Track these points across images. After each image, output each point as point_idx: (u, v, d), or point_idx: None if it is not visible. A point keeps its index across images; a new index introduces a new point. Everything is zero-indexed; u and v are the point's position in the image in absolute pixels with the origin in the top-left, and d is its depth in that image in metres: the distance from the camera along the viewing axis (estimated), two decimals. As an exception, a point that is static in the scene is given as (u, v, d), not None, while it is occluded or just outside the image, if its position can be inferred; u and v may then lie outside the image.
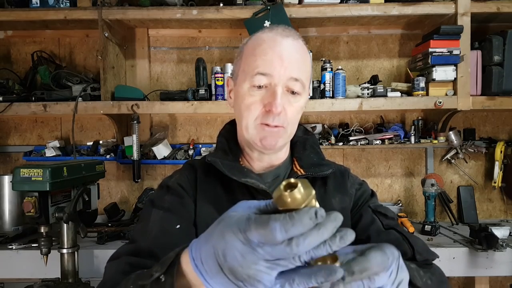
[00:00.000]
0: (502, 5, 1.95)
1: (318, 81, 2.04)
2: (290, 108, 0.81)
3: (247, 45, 0.87)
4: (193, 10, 1.97)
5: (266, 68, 0.79)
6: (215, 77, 2.02)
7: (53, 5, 2.00)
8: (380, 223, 0.85)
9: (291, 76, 0.80)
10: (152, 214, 0.82)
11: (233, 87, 0.89)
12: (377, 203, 0.91)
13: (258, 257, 0.40)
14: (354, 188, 0.92)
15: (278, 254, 0.40)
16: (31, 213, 1.37)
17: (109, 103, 1.99)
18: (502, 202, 2.35)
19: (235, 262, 0.41)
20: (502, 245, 1.68)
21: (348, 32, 2.33)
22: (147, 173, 2.32)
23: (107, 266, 0.75)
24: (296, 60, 0.81)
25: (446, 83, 1.98)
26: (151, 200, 0.87)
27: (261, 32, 0.86)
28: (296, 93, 0.82)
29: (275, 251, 0.40)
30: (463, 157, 2.28)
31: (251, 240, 0.41)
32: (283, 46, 0.81)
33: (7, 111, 1.98)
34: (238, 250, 0.41)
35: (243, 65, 0.85)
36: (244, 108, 0.82)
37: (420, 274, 0.67)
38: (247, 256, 0.41)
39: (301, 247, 0.39)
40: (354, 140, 2.13)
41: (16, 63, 2.34)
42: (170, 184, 0.88)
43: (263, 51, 0.81)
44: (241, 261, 0.41)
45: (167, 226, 0.80)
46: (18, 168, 1.36)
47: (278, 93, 0.79)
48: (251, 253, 0.40)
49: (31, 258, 1.70)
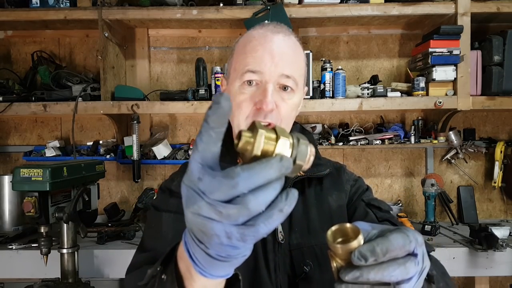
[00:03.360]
0: (502, 5, 1.95)
1: (318, 81, 2.04)
2: (283, 104, 0.79)
3: (239, 43, 0.85)
4: (193, 10, 1.97)
5: (256, 65, 0.78)
6: (215, 77, 2.02)
7: (53, 5, 2.00)
8: (374, 215, 0.85)
9: (282, 73, 0.78)
10: (163, 218, 0.80)
11: (226, 86, 0.87)
12: (371, 197, 0.91)
13: (201, 198, 0.36)
14: (349, 184, 0.92)
15: (215, 187, 0.36)
16: (31, 213, 1.37)
17: (109, 103, 1.99)
18: (502, 202, 2.35)
19: (193, 221, 0.38)
20: (502, 245, 1.68)
21: (348, 32, 2.33)
22: (147, 173, 2.32)
23: (127, 278, 0.73)
24: (288, 56, 0.80)
25: (446, 83, 1.98)
26: (156, 206, 0.85)
27: (252, 29, 0.85)
28: (289, 89, 0.79)
29: (213, 183, 0.36)
30: (463, 157, 2.28)
31: (200, 189, 0.37)
32: (273, 42, 0.79)
33: (7, 111, 1.98)
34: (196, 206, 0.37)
35: (234, 63, 0.83)
36: (235, 107, 0.79)
37: None
38: (191, 200, 0.37)
39: (241, 179, 0.35)
40: (354, 140, 2.13)
41: (16, 63, 2.34)
42: (173, 188, 0.87)
43: (253, 48, 0.79)
44: (195, 211, 0.38)
45: (182, 228, 0.78)
46: (18, 168, 1.36)
47: (268, 91, 0.76)
48: (196, 197, 0.37)
49: (31, 258, 1.70)
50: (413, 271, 0.45)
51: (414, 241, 0.45)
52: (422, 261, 0.47)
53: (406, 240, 0.44)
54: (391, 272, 0.43)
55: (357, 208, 0.87)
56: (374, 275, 0.43)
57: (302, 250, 0.81)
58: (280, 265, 0.78)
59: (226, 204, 0.36)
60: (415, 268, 0.45)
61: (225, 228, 0.36)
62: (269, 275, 0.77)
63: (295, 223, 0.83)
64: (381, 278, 0.43)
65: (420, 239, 0.46)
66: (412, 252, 0.45)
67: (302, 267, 0.79)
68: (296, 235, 0.82)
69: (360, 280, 0.43)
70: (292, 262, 0.79)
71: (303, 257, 0.80)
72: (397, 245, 0.43)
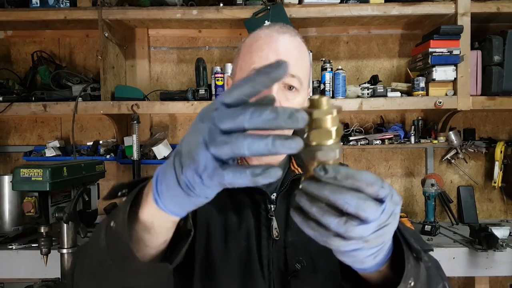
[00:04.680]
0: (502, 5, 1.95)
1: (318, 81, 2.05)
2: (288, 104, 0.80)
3: (245, 42, 0.87)
4: (193, 10, 1.97)
5: (262, 64, 0.79)
6: (215, 77, 2.02)
7: (53, 5, 2.00)
8: None
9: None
10: None
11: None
12: None
13: (208, 123, 0.40)
14: None
15: (223, 116, 0.39)
16: (31, 213, 1.37)
17: (109, 103, 1.99)
18: (502, 202, 2.35)
19: (190, 141, 0.41)
20: (502, 245, 1.68)
21: (348, 32, 2.33)
22: (147, 173, 2.32)
23: None
24: (293, 56, 0.81)
25: (446, 83, 1.98)
26: None
27: (259, 29, 0.87)
28: (294, 89, 0.81)
29: (223, 113, 0.39)
30: (463, 157, 2.28)
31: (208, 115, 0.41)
32: (279, 42, 0.81)
33: (7, 111, 1.98)
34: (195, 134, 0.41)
35: (240, 62, 0.85)
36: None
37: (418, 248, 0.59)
38: (199, 123, 0.41)
39: (245, 115, 0.38)
40: (354, 140, 2.13)
41: (16, 63, 2.34)
42: None
43: (259, 48, 0.81)
44: (189, 140, 0.41)
45: None
46: (18, 168, 1.36)
47: (273, 89, 0.77)
48: (205, 121, 0.40)
49: (31, 258, 1.70)
50: (370, 213, 0.43)
51: (387, 191, 0.44)
52: (388, 217, 0.45)
53: (377, 181, 0.44)
54: (347, 199, 0.42)
55: None
56: (329, 193, 0.42)
57: (296, 247, 0.81)
58: (274, 261, 0.79)
59: (222, 135, 0.39)
60: (375, 212, 0.43)
61: (207, 160, 0.39)
62: (262, 270, 0.78)
63: (291, 221, 0.83)
64: (335, 200, 0.42)
65: (396, 198, 0.46)
66: (380, 198, 0.44)
67: (295, 265, 0.80)
68: (292, 232, 0.82)
69: (315, 192, 0.43)
70: (286, 259, 0.80)
71: (297, 254, 0.81)
72: (365, 178, 0.43)
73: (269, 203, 0.82)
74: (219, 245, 0.79)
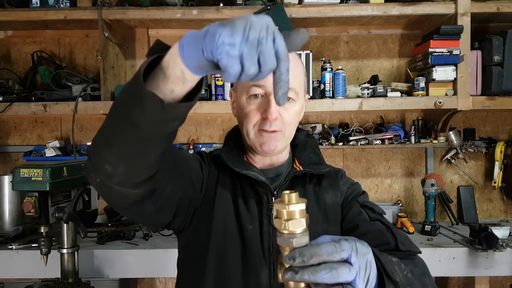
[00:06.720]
0: (502, 5, 1.95)
1: (318, 81, 2.05)
2: (286, 113, 0.89)
3: None
4: (193, 10, 1.97)
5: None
6: (215, 77, 2.02)
7: (53, 5, 2.00)
8: (367, 215, 0.92)
9: None
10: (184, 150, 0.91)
11: (235, 98, 0.97)
12: (365, 199, 0.98)
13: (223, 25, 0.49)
14: (345, 187, 1.00)
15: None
16: (31, 213, 1.37)
17: (109, 103, 1.97)
18: (502, 202, 2.35)
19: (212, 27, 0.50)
20: (502, 245, 1.68)
21: (348, 32, 2.33)
22: (147, 173, 2.32)
23: None
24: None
25: (446, 83, 1.98)
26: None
27: None
28: (290, 99, 0.89)
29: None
30: (463, 157, 2.28)
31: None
32: None
33: (7, 111, 1.98)
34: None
35: None
36: (244, 117, 0.90)
37: (401, 267, 0.69)
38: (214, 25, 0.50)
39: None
40: (354, 140, 2.13)
41: (16, 63, 2.34)
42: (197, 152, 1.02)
43: None
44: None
45: (191, 162, 0.92)
46: (18, 168, 1.36)
47: (272, 102, 0.85)
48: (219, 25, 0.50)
49: (31, 258, 1.70)
50: (345, 276, 0.51)
51: (348, 251, 0.53)
52: (365, 268, 0.55)
53: (336, 248, 0.52)
54: (323, 274, 0.50)
55: (351, 208, 0.95)
56: (308, 276, 0.50)
57: None
58: (274, 246, 0.86)
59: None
60: (349, 273, 0.52)
61: (224, 36, 0.48)
62: (263, 254, 0.87)
63: None
64: (314, 280, 0.50)
65: (362, 249, 0.55)
66: (346, 259, 0.53)
67: None
68: None
69: (297, 280, 0.51)
70: None
71: None
72: (325, 251, 0.51)
73: (271, 195, 0.90)
74: (232, 224, 0.89)
